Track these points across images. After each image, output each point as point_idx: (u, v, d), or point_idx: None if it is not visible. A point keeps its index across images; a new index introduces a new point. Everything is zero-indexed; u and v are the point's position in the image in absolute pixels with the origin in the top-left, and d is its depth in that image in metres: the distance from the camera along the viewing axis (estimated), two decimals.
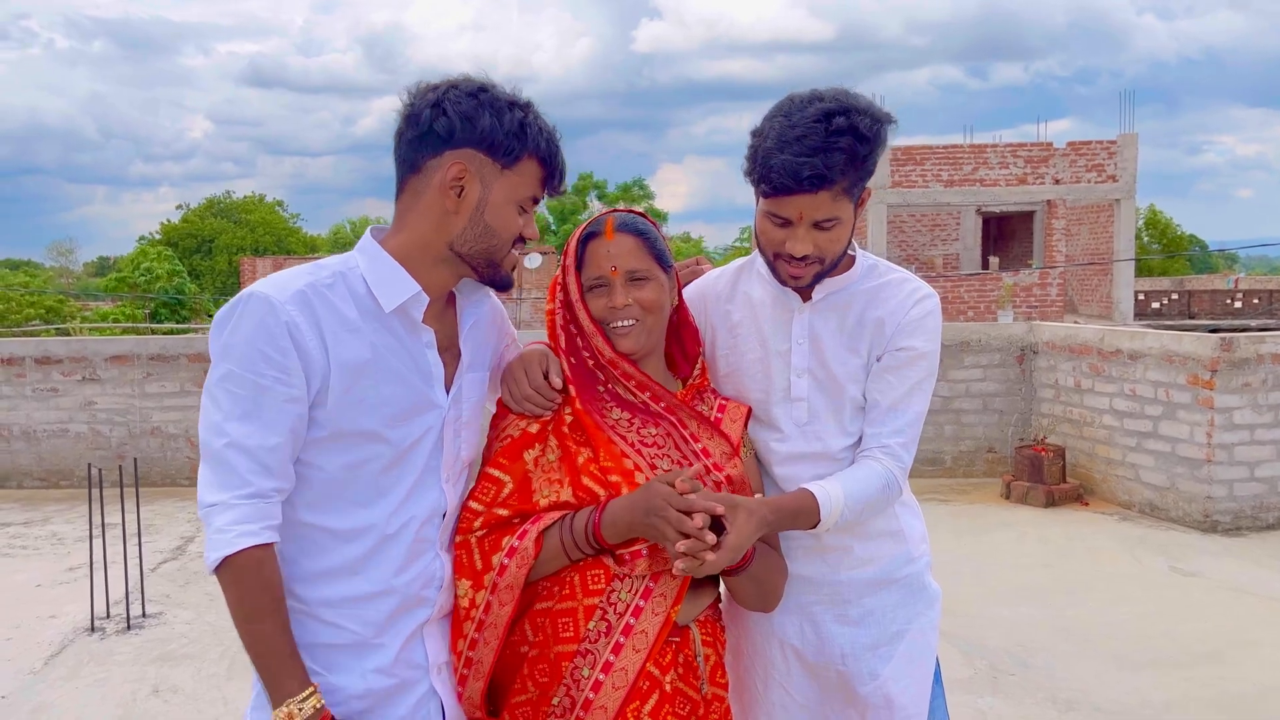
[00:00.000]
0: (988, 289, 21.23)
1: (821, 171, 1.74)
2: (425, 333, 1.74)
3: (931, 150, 21.63)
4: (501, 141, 1.68)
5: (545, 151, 1.73)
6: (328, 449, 1.66)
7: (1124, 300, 22.57)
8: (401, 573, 1.72)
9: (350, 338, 1.66)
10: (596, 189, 53.80)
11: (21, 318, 30.39)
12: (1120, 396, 7.42)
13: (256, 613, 1.58)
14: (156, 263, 39.25)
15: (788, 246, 1.84)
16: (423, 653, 1.77)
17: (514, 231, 1.74)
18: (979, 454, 8.43)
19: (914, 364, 1.94)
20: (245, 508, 1.57)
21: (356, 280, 1.70)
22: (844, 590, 2.03)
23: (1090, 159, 21.68)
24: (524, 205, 1.75)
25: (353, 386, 1.65)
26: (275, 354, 1.59)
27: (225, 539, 1.55)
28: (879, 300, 1.97)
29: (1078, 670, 4.50)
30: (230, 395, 1.60)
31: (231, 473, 1.58)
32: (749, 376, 2.03)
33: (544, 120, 1.74)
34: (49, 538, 6.95)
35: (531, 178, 1.74)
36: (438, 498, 1.76)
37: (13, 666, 4.61)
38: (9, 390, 8.49)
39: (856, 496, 1.88)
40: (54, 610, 5.39)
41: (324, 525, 1.68)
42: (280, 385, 1.60)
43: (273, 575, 1.59)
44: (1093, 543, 6.60)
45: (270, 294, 1.61)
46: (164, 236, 50.08)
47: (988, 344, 8.41)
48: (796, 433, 1.99)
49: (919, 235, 26.71)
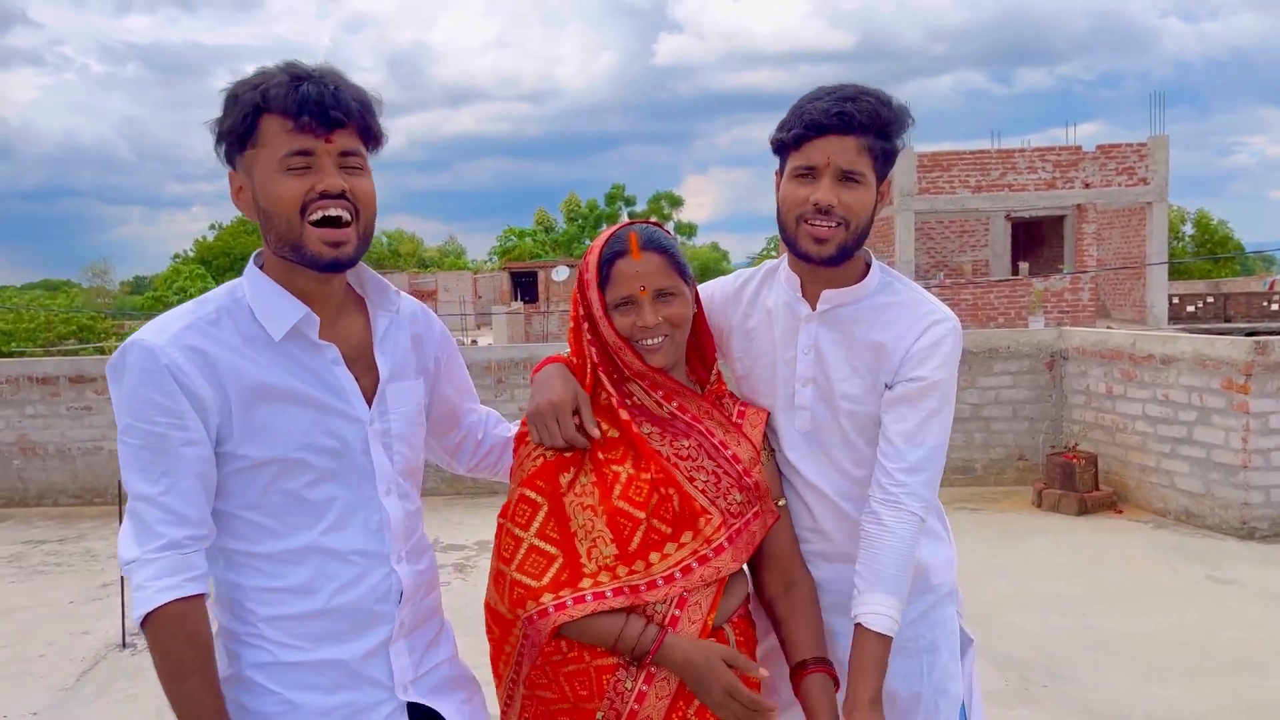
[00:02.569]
0: (1018, 295, 21.04)
1: (851, 112, 1.81)
2: (328, 350, 1.66)
3: (959, 156, 21.48)
4: (229, 132, 1.58)
5: (270, 101, 1.54)
6: (246, 479, 1.61)
7: (1158, 304, 22.27)
8: (350, 589, 1.66)
9: (245, 366, 1.59)
10: (626, 202, 53.96)
11: (56, 336, 30.88)
12: (1153, 402, 7.31)
13: (181, 669, 1.52)
14: (190, 281, 39.82)
15: (814, 198, 1.83)
16: (387, 670, 1.71)
17: (289, 199, 1.56)
18: (1009, 462, 8.34)
19: (926, 394, 1.88)
20: (162, 561, 1.52)
21: (242, 311, 1.63)
22: (848, 599, 1.96)
23: (1121, 162, 21.44)
24: (289, 166, 1.55)
25: (254, 416, 1.59)
26: (164, 399, 1.54)
27: (145, 595, 1.51)
28: (886, 323, 1.93)
29: (1112, 681, 4.42)
30: (130, 448, 1.56)
31: (143, 527, 1.54)
32: (761, 381, 2.04)
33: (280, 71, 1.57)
34: (83, 554, 7.04)
35: (275, 134, 1.55)
36: (377, 510, 1.69)
37: (45, 683, 4.67)
38: (44, 409, 8.62)
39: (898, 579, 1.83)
40: (87, 626, 5.46)
41: (261, 553, 1.64)
42: (175, 430, 1.54)
43: (198, 629, 1.53)
44: (1127, 551, 6.50)
45: (149, 340, 1.56)
46: (197, 255, 50.83)
47: (1017, 350, 8.32)
48: (800, 440, 1.99)
49: (947, 242, 26.53)
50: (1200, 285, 31.81)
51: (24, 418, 8.62)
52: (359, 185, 1.60)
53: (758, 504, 1.87)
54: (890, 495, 1.86)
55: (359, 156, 1.62)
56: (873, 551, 1.86)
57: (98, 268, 63.16)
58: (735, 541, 1.82)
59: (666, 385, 1.87)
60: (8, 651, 5.11)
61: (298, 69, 1.58)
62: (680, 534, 1.78)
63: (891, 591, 1.82)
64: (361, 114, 1.59)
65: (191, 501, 1.56)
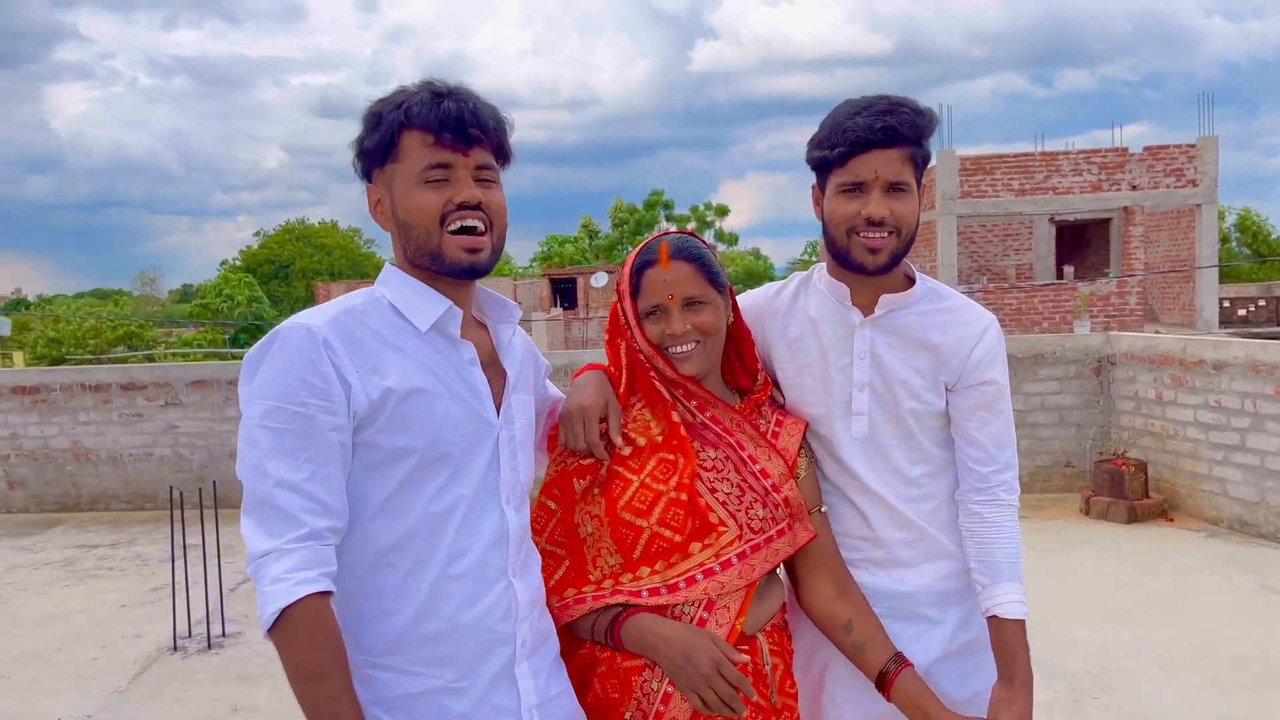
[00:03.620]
0: (1063, 299, 20.75)
1: (893, 125, 1.86)
2: (466, 348, 1.68)
3: (1001, 159, 21.25)
4: (371, 146, 1.63)
5: (412, 118, 1.60)
6: (381, 474, 1.58)
7: (1208, 308, 21.86)
8: (470, 606, 1.61)
9: (394, 357, 1.59)
10: (665, 207, 54.00)
11: (107, 344, 31.50)
12: (1205, 408, 7.17)
13: (319, 671, 1.44)
14: (236, 289, 40.44)
15: (865, 211, 1.88)
16: (514, 695, 1.64)
17: (428, 210, 1.61)
18: (1056, 469, 8.22)
19: (1000, 396, 2.01)
20: (302, 552, 1.46)
21: (385, 307, 1.65)
22: (907, 603, 2.02)
23: (1169, 164, 21.09)
24: (428, 178, 1.61)
25: (402, 406, 1.57)
26: (318, 381, 1.52)
27: (282, 589, 1.43)
28: (941, 326, 2.00)
29: (1164, 693, 4.34)
30: (272, 432, 1.50)
31: (282, 515, 1.47)
32: (809, 390, 2.04)
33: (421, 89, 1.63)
34: (134, 559, 7.17)
35: (416, 149, 1.61)
36: (500, 520, 1.66)
37: (99, 685, 4.76)
38: (97, 416, 8.80)
39: (1015, 566, 1.97)
40: (139, 630, 5.56)
41: (381, 559, 1.58)
42: (325, 414, 1.51)
43: (333, 627, 1.47)
44: (1178, 560, 6.38)
45: (305, 322, 1.56)
46: (244, 263, 51.61)
47: (1063, 356, 8.21)
48: (855, 447, 2.00)
49: (990, 246, 26.24)
50: (1252, 288, 31.13)
51: (77, 424, 8.81)
52: (492, 198, 1.66)
53: (785, 520, 1.86)
54: (991, 495, 1.99)
55: (492, 170, 1.68)
56: (987, 548, 1.97)
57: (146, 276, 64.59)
58: (748, 558, 1.80)
59: (700, 395, 1.87)
60: (61, 654, 5.21)
61: (438, 87, 1.63)
62: (690, 544, 1.78)
63: (1016, 579, 1.96)
64: (496, 131, 1.66)
65: (335, 489, 1.52)
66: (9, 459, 8.84)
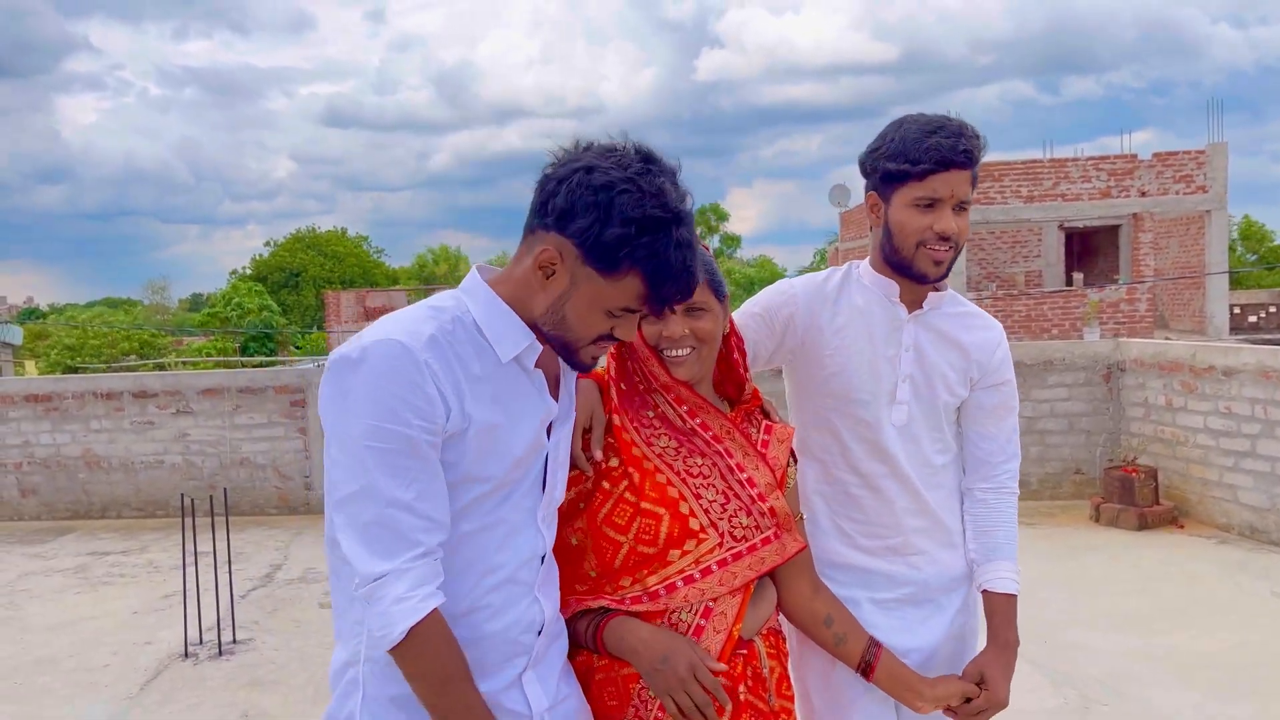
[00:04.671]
0: (1072, 306, 20.69)
1: (969, 148, 1.99)
2: (539, 379, 1.70)
3: (1010, 166, 21.22)
4: (597, 249, 1.55)
5: (653, 274, 1.57)
6: (454, 492, 1.59)
7: (1218, 314, 21.77)
8: (498, 619, 1.64)
9: (481, 385, 1.60)
10: None
11: (120, 352, 31.66)
12: (1215, 415, 7.16)
13: (453, 675, 1.51)
14: (247, 298, 40.57)
15: (937, 227, 2.01)
16: (523, 701, 1.68)
17: (593, 333, 1.64)
18: (1065, 476, 8.20)
19: (1012, 395, 2.23)
20: (421, 568, 1.50)
21: (470, 325, 1.63)
22: (920, 590, 2.19)
23: (1178, 170, 21.03)
24: (613, 311, 1.61)
25: (484, 436, 1.59)
26: (422, 402, 1.51)
27: (408, 607, 1.47)
28: (966, 327, 2.19)
29: (1174, 700, 4.33)
30: (377, 452, 1.50)
31: (397, 536, 1.50)
32: (857, 376, 2.14)
33: (679, 241, 1.56)
34: (146, 565, 7.21)
35: (628, 291, 1.59)
36: (534, 538, 1.69)
37: (111, 692, 4.78)
38: (108, 424, 8.85)
39: (1014, 545, 2.20)
40: (150, 637, 5.59)
41: None
42: (426, 435, 1.52)
43: (453, 636, 1.53)
44: (1189, 567, 6.36)
45: (405, 340, 1.53)
46: (254, 271, 51.81)
47: (1072, 362, 8.20)
48: (895, 434, 2.14)
49: (999, 253, 26.20)
50: (1263, 295, 31.01)
51: (89, 432, 8.86)
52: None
53: (771, 530, 1.85)
54: (998, 483, 2.22)
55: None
56: (987, 529, 2.20)
57: (157, 285, 64.79)
58: (728, 565, 1.80)
59: (691, 400, 1.87)
60: (74, 660, 5.24)
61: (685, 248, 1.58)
62: (668, 551, 1.78)
63: (1011, 558, 2.19)
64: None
65: (442, 504, 1.54)
66: (21, 467, 8.90)
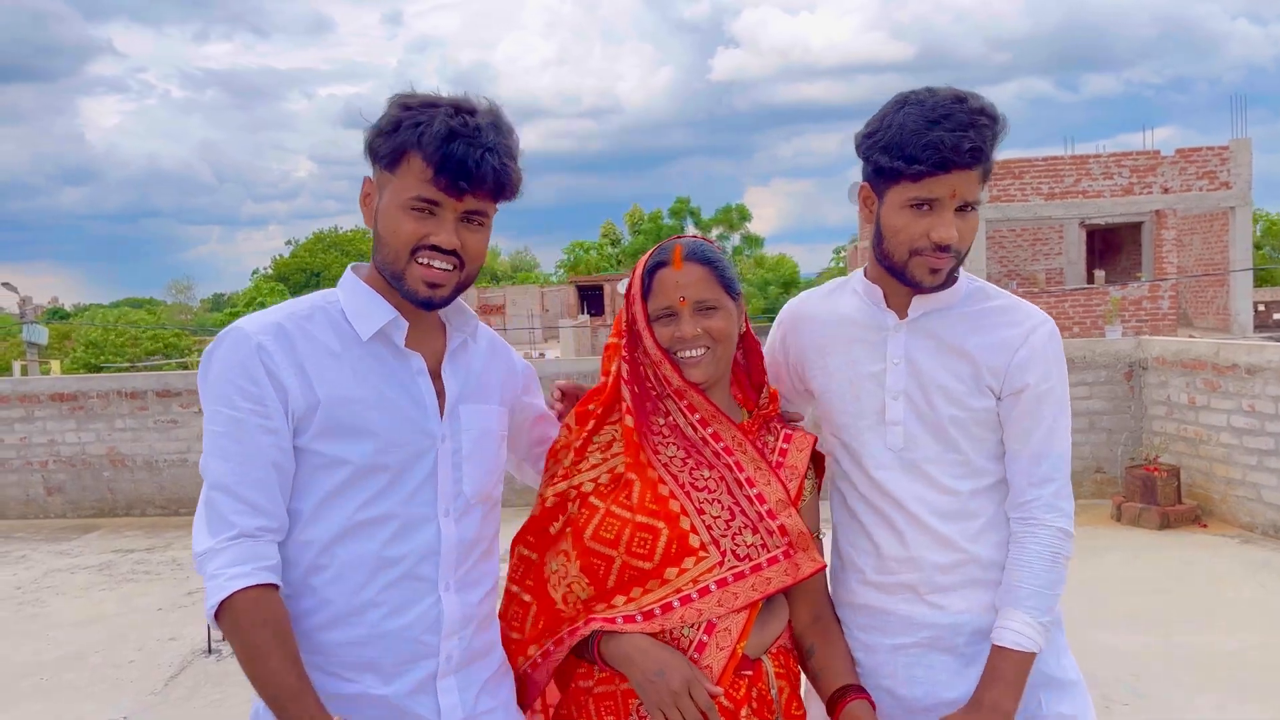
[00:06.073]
0: (1094, 304, 20.55)
1: (978, 144, 1.69)
2: (414, 358, 1.67)
3: (1030, 163, 21.08)
4: (377, 145, 1.61)
5: (423, 145, 1.56)
6: (316, 479, 1.59)
7: (1242, 312, 21.57)
8: (397, 616, 1.62)
9: (333, 365, 1.61)
10: (692, 215, 54.04)
11: (144, 352, 31.93)
12: (1239, 413, 7.10)
13: (260, 651, 1.48)
14: (269, 298, 40.87)
15: (935, 234, 1.73)
16: (433, 707, 1.65)
17: (404, 238, 1.60)
18: (1086, 474, 8.15)
19: (1044, 401, 1.82)
20: (235, 549, 1.51)
21: (335, 313, 1.66)
22: (947, 634, 1.87)
23: (1201, 166, 20.85)
24: (413, 206, 1.59)
25: (339, 414, 1.59)
26: (249, 384, 1.55)
27: (218, 584, 1.49)
28: (983, 328, 1.85)
29: (1197, 701, 4.30)
30: (211, 435, 1.55)
31: (218, 516, 1.53)
32: (837, 398, 1.92)
33: (447, 115, 1.57)
34: (169, 563, 7.27)
35: (414, 176, 1.59)
36: (434, 533, 1.65)
37: (135, 687, 4.84)
38: (132, 422, 8.93)
39: (1035, 595, 1.78)
40: (174, 633, 5.64)
41: (315, 562, 1.60)
42: (256, 417, 1.54)
43: (274, 612, 1.50)
44: (1212, 566, 6.31)
45: (245, 327, 1.59)
46: (276, 272, 52.19)
47: (1093, 360, 8.14)
48: (892, 459, 1.86)
49: (1019, 250, 26.03)
50: None
51: (113, 431, 8.94)
52: (473, 240, 1.65)
53: (780, 549, 1.76)
54: (1023, 512, 1.83)
55: (482, 214, 1.66)
56: (1010, 569, 1.82)
57: (180, 285, 65.46)
58: (728, 585, 1.72)
59: (704, 408, 1.80)
60: (99, 656, 5.30)
61: (456, 125, 1.58)
62: (665, 569, 1.72)
63: (1024, 607, 1.77)
64: (497, 179, 1.61)
65: (265, 491, 1.55)
66: (47, 465, 9.00)
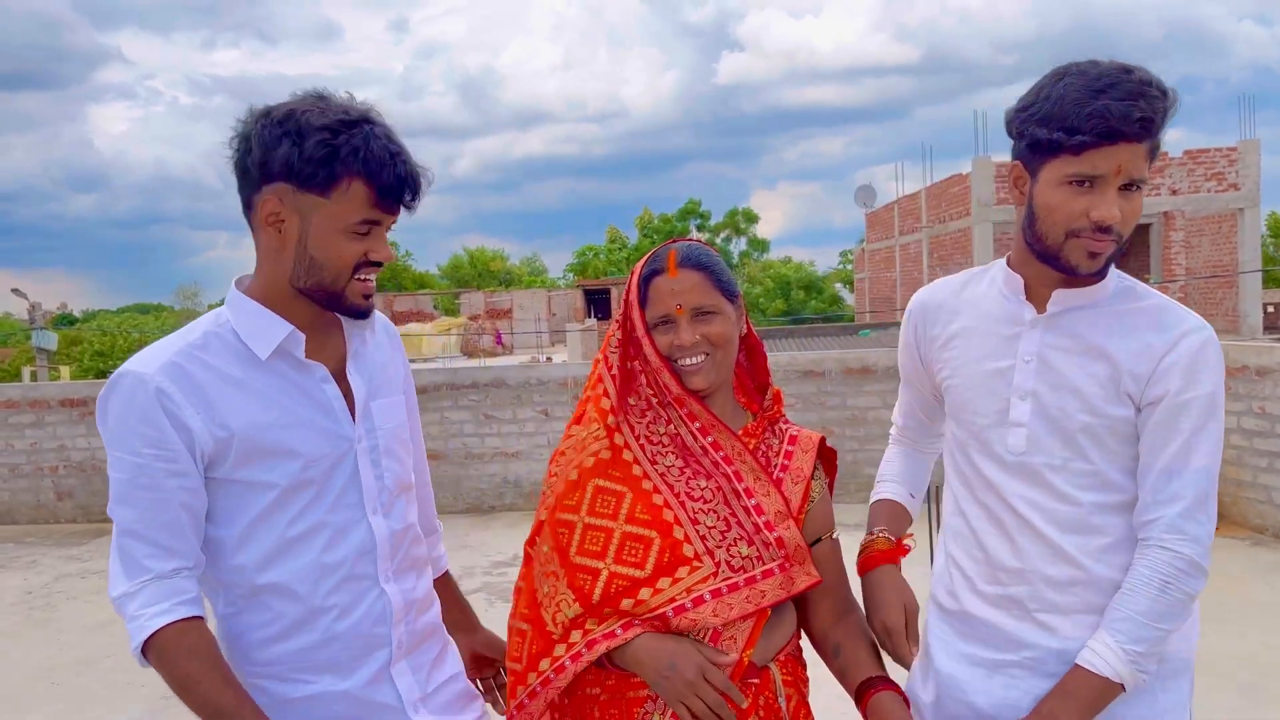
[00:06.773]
0: None
1: (1149, 115, 1.54)
2: (316, 369, 1.67)
3: None
4: (305, 170, 1.54)
5: (367, 170, 1.55)
6: (242, 503, 1.61)
7: (1251, 314, 21.50)
8: (346, 617, 1.66)
9: (238, 394, 1.59)
10: (701, 218, 54.17)
11: None
12: (1248, 415, 7.08)
13: (193, 678, 1.51)
14: None
15: (1095, 213, 1.57)
16: (392, 693, 1.71)
17: (347, 260, 1.60)
18: None
19: (1183, 412, 1.65)
20: (150, 590, 1.53)
21: (229, 336, 1.63)
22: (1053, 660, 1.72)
23: (1209, 167, 20.80)
24: (355, 230, 1.59)
25: (256, 441, 1.59)
26: (150, 430, 1.54)
27: (139, 624, 1.52)
28: (1129, 330, 1.69)
29: (1207, 704, 4.27)
30: (116, 481, 1.56)
31: (132, 561, 1.55)
32: (959, 392, 1.80)
33: (375, 135, 1.56)
34: None
35: (357, 200, 1.57)
36: (366, 531, 1.69)
37: (147, 691, 4.84)
38: None
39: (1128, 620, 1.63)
40: None
41: (260, 584, 1.62)
42: (160, 462, 1.54)
43: (200, 640, 1.53)
44: (1222, 569, 6.28)
45: (137, 369, 1.56)
46: None
47: None
48: (1014, 462, 1.72)
49: None
50: None
51: None
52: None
53: (776, 562, 1.73)
54: (1144, 532, 1.68)
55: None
56: (1119, 591, 1.67)
57: (187, 291, 65.53)
58: (722, 596, 1.69)
59: (704, 417, 1.77)
60: (111, 660, 5.31)
61: (384, 140, 1.58)
62: (658, 578, 1.69)
63: (1112, 629, 1.64)
64: (418, 188, 1.65)
65: (176, 533, 1.56)
66: (57, 470, 9.02)
